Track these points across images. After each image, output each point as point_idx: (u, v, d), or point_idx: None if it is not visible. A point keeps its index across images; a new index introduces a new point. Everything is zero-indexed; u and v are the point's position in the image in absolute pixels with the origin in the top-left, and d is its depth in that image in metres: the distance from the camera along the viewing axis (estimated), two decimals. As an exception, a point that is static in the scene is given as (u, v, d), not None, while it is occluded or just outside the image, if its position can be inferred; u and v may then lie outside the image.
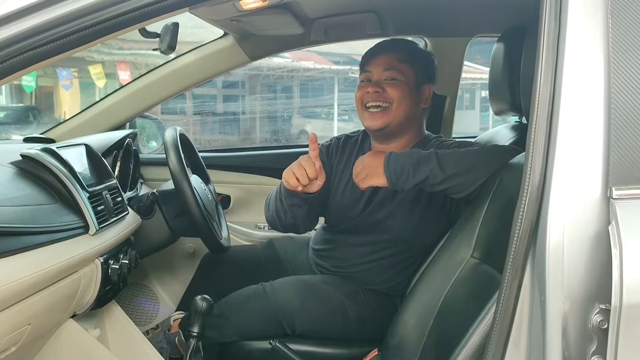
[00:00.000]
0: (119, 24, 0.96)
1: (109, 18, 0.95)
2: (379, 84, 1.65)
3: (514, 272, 0.92)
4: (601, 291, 0.86)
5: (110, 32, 0.96)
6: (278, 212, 1.70)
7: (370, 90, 1.65)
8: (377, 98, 1.64)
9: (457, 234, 1.45)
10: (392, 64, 1.66)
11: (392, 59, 1.67)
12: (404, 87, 1.65)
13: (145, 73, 2.19)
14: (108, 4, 0.94)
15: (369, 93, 1.65)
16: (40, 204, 1.30)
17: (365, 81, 1.69)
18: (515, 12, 1.85)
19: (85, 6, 0.92)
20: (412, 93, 1.67)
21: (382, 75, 1.66)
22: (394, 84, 1.65)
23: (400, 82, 1.65)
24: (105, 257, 1.46)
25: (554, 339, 0.87)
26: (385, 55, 1.68)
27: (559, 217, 0.88)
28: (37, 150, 1.40)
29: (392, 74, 1.65)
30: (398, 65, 1.66)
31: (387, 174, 1.45)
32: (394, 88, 1.64)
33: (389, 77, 1.65)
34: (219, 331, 1.65)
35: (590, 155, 0.89)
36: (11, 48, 0.89)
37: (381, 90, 1.64)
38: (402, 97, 1.65)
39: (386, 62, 1.67)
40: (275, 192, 1.73)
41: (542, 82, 0.91)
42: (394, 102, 1.64)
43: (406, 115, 1.67)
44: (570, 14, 0.91)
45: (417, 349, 1.37)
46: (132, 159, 2.04)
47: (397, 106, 1.64)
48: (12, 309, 1.11)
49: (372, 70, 1.68)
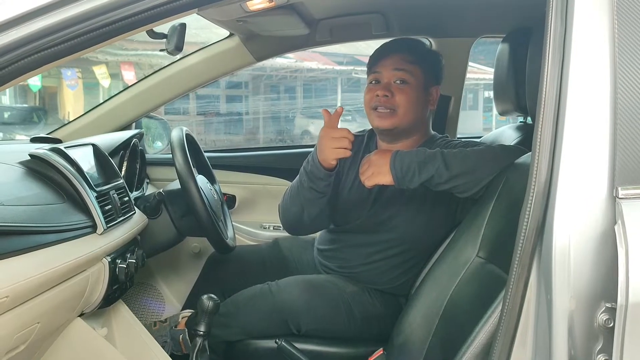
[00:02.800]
0: (128, 25, 0.97)
1: (118, 19, 0.95)
2: (388, 87, 1.65)
3: (520, 271, 0.93)
4: (607, 290, 0.87)
5: (120, 34, 0.97)
6: (300, 209, 1.68)
7: (379, 94, 1.64)
8: (386, 102, 1.64)
9: (463, 234, 1.45)
10: (401, 64, 1.65)
11: (402, 59, 1.66)
12: (412, 90, 1.64)
13: (151, 74, 2.20)
14: (118, 5, 0.95)
15: (378, 97, 1.64)
16: (49, 204, 1.31)
17: (374, 82, 1.68)
18: (520, 12, 1.85)
19: (96, 8, 0.93)
20: (420, 96, 1.67)
21: (391, 76, 1.65)
22: (403, 87, 1.64)
23: (409, 84, 1.64)
24: (112, 257, 1.47)
25: (560, 338, 0.88)
26: (394, 56, 1.67)
27: (565, 216, 0.89)
28: (46, 150, 1.40)
29: (401, 75, 1.65)
30: (407, 66, 1.65)
31: (393, 172, 1.46)
32: (402, 93, 1.64)
33: (399, 79, 1.64)
34: (225, 330, 1.66)
35: (597, 155, 0.89)
36: (25, 48, 0.90)
37: (390, 95, 1.64)
38: (411, 102, 1.64)
39: (395, 63, 1.66)
40: (290, 193, 1.72)
41: (548, 82, 0.92)
42: (402, 107, 1.64)
43: (414, 118, 1.67)
44: (577, 13, 0.92)
45: (422, 348, 1.38)
46: (139, 159, 2.05)
47: (405, 111, 1.64)
48: (21, 308, 1.12)
49: (381, 71, 1.67)
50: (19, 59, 0.92)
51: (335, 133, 1.52)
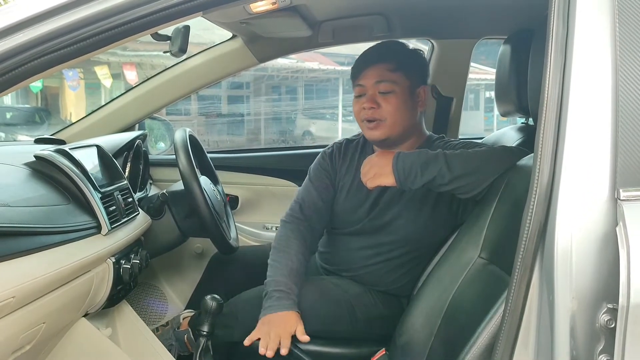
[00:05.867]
0: (134, 28, 0.97)
1: (126, 22, 0.96)
2: (374, 98, 1.62)
3: (522, 272, 0.93)
4: (609, 291, 0.88)
5: (127, 36, 0.98)
6: None
7: (366, 107, 1.62)
8: (374, 114, 1.62)
9: (465, 235, 1.46)
10: (383, 75, 1.62)
11: (383, 69, 1.62)
12: (398, 98, 1.61)
13: (154, 75, 2.21)
14: (125, 8, 0.96)
15: (365, 109, 1.63)
16: (55, 205, 1.32)
17: (360, 96, 1.66)
18: (522, 14, 1.86)
19: (103, 11, 0.94)
20: (407, 101, 1.64)
21: (375, 89, 1.62)
22: (389, 97, 1.61)
23: (394, 93, 1.61)
24: (117, 257, 1.48)
25: (562, 338, 0.89)
26: (375, 67, 1.63)
27: (567, 217, 0.89)
28: (51, 151, 1.42)
29: (385, 87, 1.61)
30: (390, 75, 1.62)
31: (395, 173, 1.46)
32: (388, 103, 1.61)
33: (383, 90, 1.61)
34: (228, 330, 1.67)
35: (598, 157, 0.90)
36: (34, 50, 0.91)
37: (376, 106, 1.61)
38: (398, 110, 1.62)
39: (377, 74, 1.62)
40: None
41: (550, 83, 0.92)
42: (390, 117, 1.61)
43: (405, 125, 1.65)
44: (578, 16, 0.92)
45: (424, 348, 1.39)
46: (142, 160, 2.06)
47: (394, 120, 1.62)
48: (27, 308, 1.13)
49: (365, 84, 1.64)
50: (28, 60, 0.93)
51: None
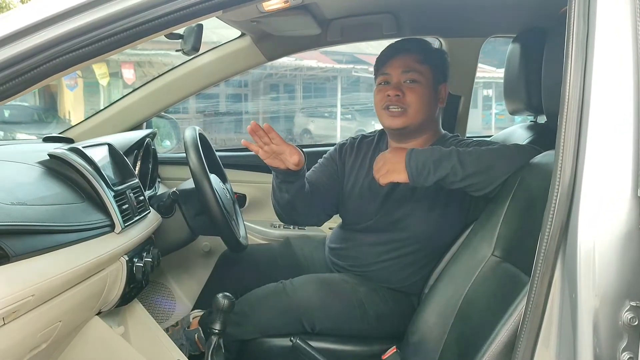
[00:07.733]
0: (154, 27, 0.97)
1: (144, 21, 0.96)
2: (399, 86, 1.66)
3: (544, 270, 0.94)
4: (632, 289, 0.88)
5: (146, 35, 0.98)
6: (275, 194, 1.76)
7: (390, 94, 1.65)
8: (397, 101, 1.65)
9: (478, 232, 1.46)
10: (411, 65, 1.67)
11: (411, 60, 1.67)
12: (423, 89, 1.66)
13: (163, 73, 2.20)
14: (144, 7, 0.95)
15: (389, 96, 1.66)
16: (70, 203, 1.31)
17: (384, 83, 1.69)
18: (531, 13, 1.86)
19: (124, 9, 0.94)
20: (430, 94, 1.68)
21: (401, 78, 1.67)
22: (414, 87, 1.66)
23: (419, 83, 1.66)
24: (130, 255, 1.48)
25: (585, 336, 0.89)
26: (403, 57, 1.68)
27: (590, 216, 0.89)
28: (64, 150, 1.41)
29: (411, 76, 1.66)
30: (417, 66, 1.67)
31: (408, 170, 1.46)
32: (413, 92, 1.65)
33: (409, 79, 1.66)
34: (239, 328, 1.67)
35: (620, 155, 0.90)
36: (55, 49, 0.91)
37: (401, 94, 1.65)
38: (422, 101, 1.66)
39: (405, 64, 1.67)
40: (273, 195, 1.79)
41: (571, 82, 0.92)
42: (413, 106, 1.65)
43: (425, 117, 1.68)
44: (599, 14, 0.92)
45: (438, 346, 1.39)
46: (152, 159, 2.06)
47: (416, 110, 1.66)
48: (45, 306, 1.13)
49: (391, 73, 1.68)
50: (48, 60, 0.93)
51: None
